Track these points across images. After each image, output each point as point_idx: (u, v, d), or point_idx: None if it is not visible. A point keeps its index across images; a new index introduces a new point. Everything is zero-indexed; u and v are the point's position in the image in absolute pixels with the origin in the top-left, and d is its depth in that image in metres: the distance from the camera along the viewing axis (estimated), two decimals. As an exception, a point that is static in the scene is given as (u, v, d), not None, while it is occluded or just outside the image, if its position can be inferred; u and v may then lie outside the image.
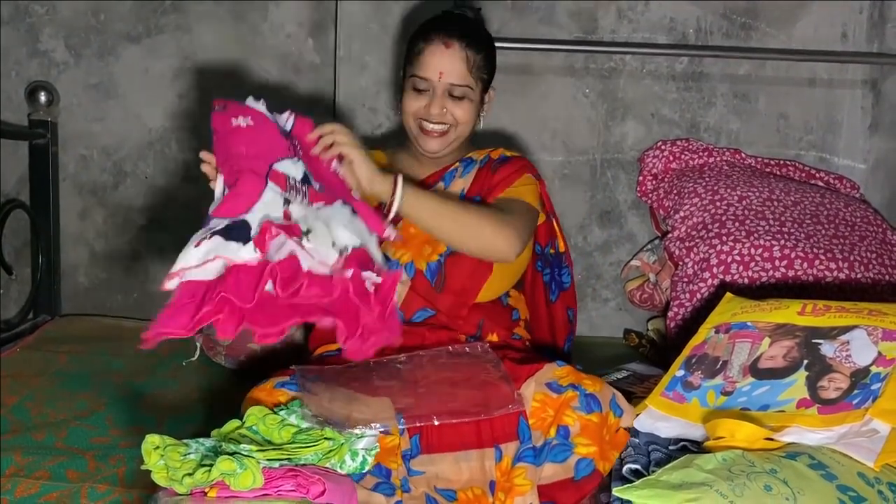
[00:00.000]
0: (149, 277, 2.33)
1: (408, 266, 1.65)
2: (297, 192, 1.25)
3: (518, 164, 1.73)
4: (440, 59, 1.60)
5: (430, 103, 1.62)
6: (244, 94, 1.40)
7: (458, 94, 1.62)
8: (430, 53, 1.61)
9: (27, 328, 2.16)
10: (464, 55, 1.61)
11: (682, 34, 2.29)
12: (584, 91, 2.31)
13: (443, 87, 1.61)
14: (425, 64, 1.61)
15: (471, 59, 1.61)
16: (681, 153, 2.27)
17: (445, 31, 1.62)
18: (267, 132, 1.32)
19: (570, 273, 1.86)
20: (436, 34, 1.62)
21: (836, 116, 2.34)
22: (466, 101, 1.63)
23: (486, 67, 1.66)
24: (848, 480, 1.23)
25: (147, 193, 2.32)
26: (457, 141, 1.67)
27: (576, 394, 1.39)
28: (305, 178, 1.29)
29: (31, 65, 2.27)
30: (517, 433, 1.39)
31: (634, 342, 2.20)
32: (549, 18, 2.27)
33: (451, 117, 1.63)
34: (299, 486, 1.17)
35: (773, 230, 2.02)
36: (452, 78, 1.61)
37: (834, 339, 1.41)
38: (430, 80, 1.61)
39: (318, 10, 2.27)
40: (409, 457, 1.38)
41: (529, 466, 1.37)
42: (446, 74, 1.60)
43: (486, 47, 1.66)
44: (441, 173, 1.72)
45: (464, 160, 1.74)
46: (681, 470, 1.22)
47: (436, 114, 1.62)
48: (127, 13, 2.26)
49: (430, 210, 1.49)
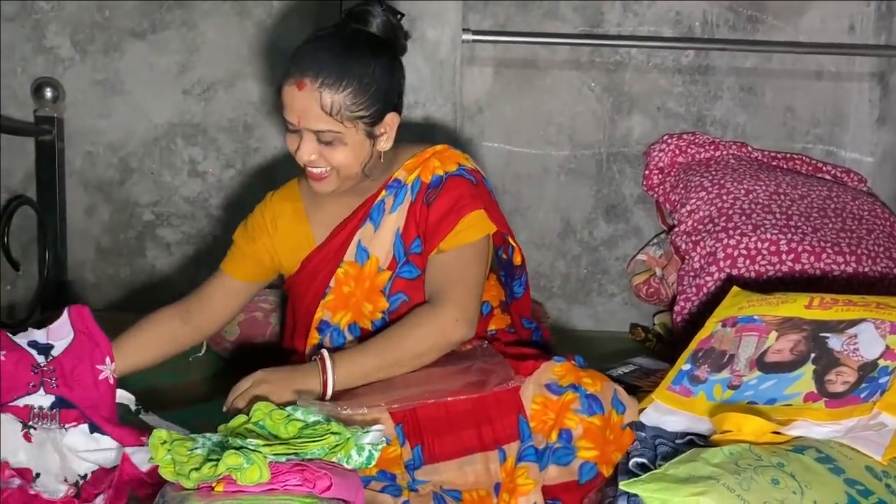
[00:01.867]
0: (155, 273, 2.34)
1: (351, 327, 1.54)
2: (44, 419, 1.37)
3: (454, 192, 1.48)
4: (293, 101, 1.39)
5: (300, 147, 1.42)
6: (248, 90, 1.40)
7: (327, 140, 1.40)
8: (287, 93, 1.40)
9: (34, 324, 2.17)
10: (318, 97, 1.37)
11: (688, 27, 2.29)
12: (589, 85, 2.30)
13: (308, 133, 1.41)
14: (285, 104, 1.41)
15: (328, 102, 1.37)
16: (687, 147, 2.27)
17: (299, 67, 1.39)
18: (11, 368, 1.41)
19: (523, 284, 1.65)
20: (293, 68, 1.40)
21: (844, 109, 2.33)
22: (340, 146, 1.41)
23: (361, 104, 1.39)
24: (856, 474, 1.22)
25: (153, 189, 2.32)
26: (350, 180, 1.46)
27: (576, 395, 1.38)
28: (57, 403, 1.40)
29: (37, 61, 2.27)
30: (518, 433, 1.38)
31: (641, 336, 2.19)
32: (553, 12, 2.27)
33: (325, 162, 1.43)
34: (305, 481, 1.17)
35: (779, 224, 2.02)
36: (311, 123, 1.39)
37: (841, 333, 1.41)
38: (293, 124, 1.41)
39: (323, 6, 2.26)
40: (412, 467, 1.36)
41: (532, 465, 1.35)
42: (303, 119, 1.39)
43: (356, 81, 1.38)
44: (366, 209, 1.52)
45: (390, 186, 1.52)
46: (687, 464, 1.22)
47: (307, 160, 1.42)
48: (132, 9, 2.26)
49: (364, 373, 1.40)
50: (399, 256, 1.52)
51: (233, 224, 2.40)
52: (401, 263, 1.52)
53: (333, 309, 1.55)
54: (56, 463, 1.34)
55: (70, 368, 1.48)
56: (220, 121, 2.30)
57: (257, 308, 2.03)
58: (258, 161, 2.31)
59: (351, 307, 1.54)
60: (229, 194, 2.32)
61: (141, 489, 1.31)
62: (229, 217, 2.33)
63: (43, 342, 1.49)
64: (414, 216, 1.51)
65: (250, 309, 2.03)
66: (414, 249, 1.51)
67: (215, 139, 2.31)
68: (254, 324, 1.98)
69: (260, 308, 2.03)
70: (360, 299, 1.53)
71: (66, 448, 1.37)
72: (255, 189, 2.31)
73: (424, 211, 1.50)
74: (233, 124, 2.30)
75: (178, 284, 2.34)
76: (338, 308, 1.54)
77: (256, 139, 2.30)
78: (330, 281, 1.54)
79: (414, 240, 1.51)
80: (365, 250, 1.53)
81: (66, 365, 1.48)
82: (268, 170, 2.32)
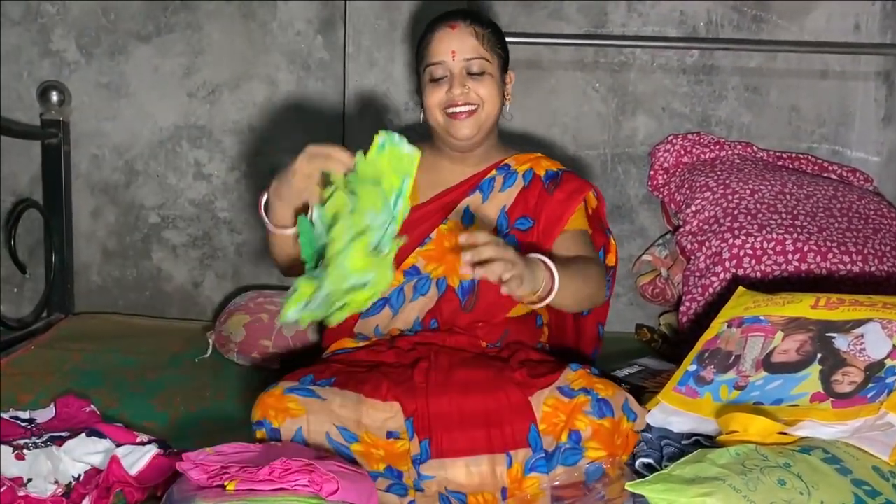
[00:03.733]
0: (161, 275, 2.35)
1: (440, 281, 1.61)
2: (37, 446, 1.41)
3: (573, 184, 1.68)
4: (449, 40, 1.59)
5: (451, 87, 1.59)
6: (253, 92, 1.41)
7: (477, 70, 1.59)
8: (439, 39, 1.60)
9: (41, 326, 2.18)
10: (471, 30, 1.60)
11: (693, 27, 2.28)
12: (594, 85, 2.30)
13: (459, 67, 1.59)
14: (436, 49, 1.60)
15: (479, 33, 1.60)
16: (692, 147, 2.26)
17: (448, 17, 1.63)
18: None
19: (610, 286, 1.76)
20: (439, 22, 1.63)
21: (849, 109, 2.32)
22: (487, 77, 1.60)
23: (499, 43, 1.64)
24: (863, 474, 1.22)
25: (158, 191, 2.33)
26: (487, 121, 1.62)
27: (588, 398, 1.39)
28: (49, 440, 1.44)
29: (43, 65, 2.28)
30: (528, 440, 1.38)
31: (646, 337, 2.19)
32: (558, 13, 2.27)
33: (476, 96, 1.59)
34: (312, 483, 1.18)
35: (785, 223, 2.01)
36: (466, 53, 1.59)
37: (848, 333, 1.40)
38: (445, 63, 1.59)
39: (327, 8, 2.27)
40: (419, 461, 1.38)
41: (542, 476, 1.36)
42: (459, 52, 1.59)
43: (492, 25, 1.65)
44: (476, 181, 1.67)
45: (501, 168, 1.69)
46: (694, 464, 1.22)
47: (459, 94, 1.58)
48: (137, 12, 2.27)
49: (570, 292, 1.44)
50: (501, 228, 1.65)
51: (238, 226, 2.42)
52: (502, 234, 1.63)
53: (428, 258, 1.63)
54: (48, 467, 1.36)
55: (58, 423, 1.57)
56: (226, 123, 2.30)
57: (263, 310, 2.03)
58: (263, 163, 2.31)
59: (446, 262, 1.62)
60: (235, 196, 2.33)
61: (130, 493, 1.32)
62: (235, 219, 2.33)
63: (25, 417, 1.57)
64: (524, 199, 1.66)
65: (256, 311, 2.03)
66: (518, 225, 1.65)
67: (220, 141, 2.31)
68: (259, 326, 1.99)
69: (266, 310, 2.03)
70: (458, 258, 1.57)
71: (63, 452, 1.39)
72: (260, 191, 2.32)
73: (545, 196, 1.66)
74: (238, 126, 2.30)
75: (184, 286, 2.35)
76: (433, 258, 1.63)
77: (262, 141, 2.31)
78: (431, 233, 1.64)
79: (519, 218, 1.65)
80: (472, 215, 1.66)
81: (53, 423, 1.57)
82: (273, 172, 2.31)
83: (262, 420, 1.37)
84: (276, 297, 2.10)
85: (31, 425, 1.55)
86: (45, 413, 1.60)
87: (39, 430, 1.52)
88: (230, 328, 2.00)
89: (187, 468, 1.22)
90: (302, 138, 2.30)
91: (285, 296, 1.28)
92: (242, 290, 2.26)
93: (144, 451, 1.37)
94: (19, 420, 1.55)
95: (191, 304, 2.35)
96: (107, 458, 1.37)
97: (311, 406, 1.37)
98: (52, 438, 1.44)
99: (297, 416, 1.36)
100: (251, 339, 1.97)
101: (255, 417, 1.38)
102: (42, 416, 1.58)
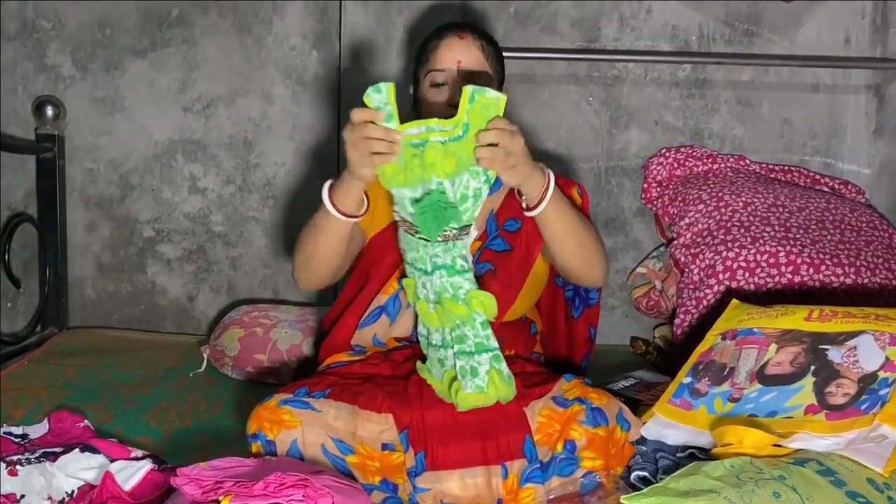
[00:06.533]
0: (155, 289, 2.34)
1: None
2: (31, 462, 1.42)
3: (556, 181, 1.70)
4: (456, 49, 1.60)
5: (452, 94, 1.58)
6: (248, 106, 1.41)
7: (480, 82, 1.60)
8: (447, 46, 1.60)
9: (35, 341, 2.17)
10: (479, 44, 1.61)
11: (685, 41, 2.30)
12: (587, 99, 2.32)
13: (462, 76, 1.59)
14: (442, 56, 1.60)
15: (485, 49, 1.62)
16: (685, 160, 2.28)
17: (457, 27, 1.64)
18: None
19: (599, 290, 1.78)
20: (448, 31, 1.63)
21: (840, 121, 2.34)
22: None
23: (499, 60, 1.66)
24: (857, 486, 1.22)
25: (153, 206, 2.33)
26: None
27: (582, 407, 1.39)
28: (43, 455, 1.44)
29: (38, 79, 2.29)
30: (523, 451, 1.38)
31: (641, 349, 2.19)
32: (551, 27, 2.28)
33: None
34: (307, 498, 1.17)
35: (778, 236, 2.02)
36: (470, 64, 1.60)
37: (841, 345, 1.41)
38: (449, 70, 1.59)
39: (323, 23, 2.28)
40: (414, 474, 1.37)
41: (538, 487, 1.36)
42: (464, 62, 1.59)
43: (495, 43, 1.67)
44: None
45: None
46: (689, 477, 1.22)
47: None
48: (132, 27, 2.28)
49: (565, 223, 1.47)
50: (490, 230, 1.65)
51: (233, 240, 2.42)
52: (491, 236, 1.64)
53: None
54: (41, 483, 1.36)
55: (51, 438, 1.55)
56: (221, 137, 2.31)
57: (258, 324, 2.03)
58: (258, 177, 2.31)
59: None
60: (229, 210, 2.33)
61: None
62: (229, 233, 2.34)
63: (18, 433, 1.57)
64: (511, 201, 1.64)
65: (251, 325, 2.03)
66: (507, 227, 1.65)
67: (215, 155, 2.31)
68: (254, 340, 1.99)
69: (260, 324, 2.03)
70: None
71: (56, 468, 1.38)
72: (255, 205, 2.33)
73: None
74: (233, 140, 2.31)
75: (179, 300, 2.35)
76: None
77: (256, 155, 2.31)
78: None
79: (507, 219, 1.65)
80: None
81: (46, 439, 1.56)
82: (268, 186, 2.33)
83: (257, 432, 1.37)
84: (271, 310, 2.10)
85: (25, 441, 1.54)
86: (39, 428, 1.59)
87: (33, 446, 1.51)
88: (225, 342, 2.00)
89: (182, 483, 1.21)
90: (297, 153, 2.32)
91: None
92: (237, 304, 2.26)
93: (139, 467, 1.36)
94: (12, 435, 1.55)
95: (185, 318, 2.35)
96: (100, 473, 1.36)
97: (306, 418, 1.37)
98: (46, 454, 1.43)
99: (292, 427, 1.36)
100: (246, 353, 1.97)
101: (250, 430, 1.38)
102: (35, 432, 1.58)
